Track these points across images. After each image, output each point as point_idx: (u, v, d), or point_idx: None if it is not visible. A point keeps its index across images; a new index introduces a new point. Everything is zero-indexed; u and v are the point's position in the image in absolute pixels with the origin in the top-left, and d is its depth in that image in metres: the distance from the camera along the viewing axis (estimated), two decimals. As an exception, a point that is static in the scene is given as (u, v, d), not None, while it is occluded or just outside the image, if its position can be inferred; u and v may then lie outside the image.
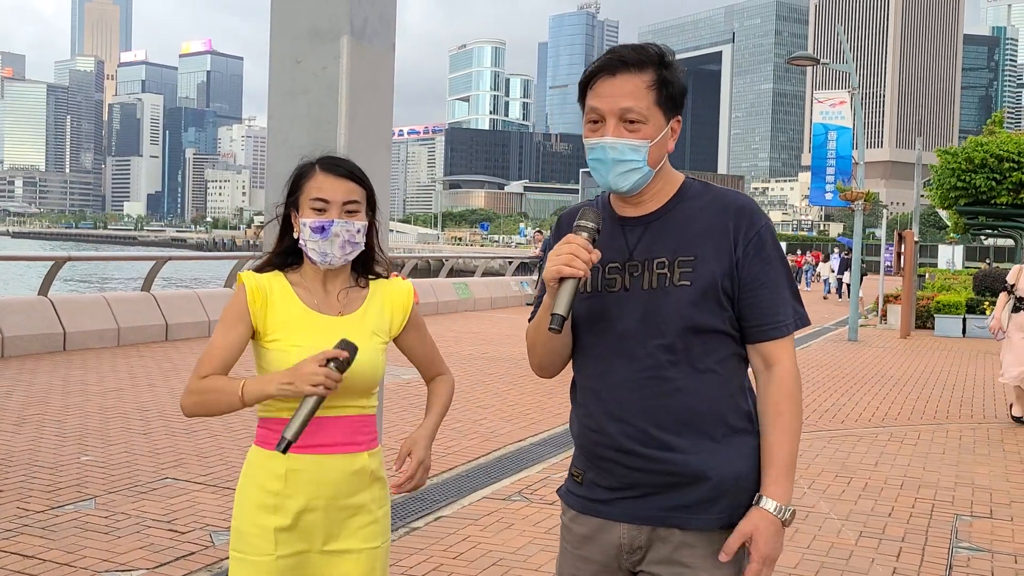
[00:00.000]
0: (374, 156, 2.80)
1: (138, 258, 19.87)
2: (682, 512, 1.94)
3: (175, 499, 5.58)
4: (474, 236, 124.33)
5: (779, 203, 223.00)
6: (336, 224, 2.17)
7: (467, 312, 20.84)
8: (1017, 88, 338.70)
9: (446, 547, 4.89)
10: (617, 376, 1.97)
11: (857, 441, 7.96)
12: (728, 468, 1.95)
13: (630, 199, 2.01)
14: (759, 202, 22.48)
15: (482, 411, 8.78)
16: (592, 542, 2.03)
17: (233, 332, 2.20)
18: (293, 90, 2.78)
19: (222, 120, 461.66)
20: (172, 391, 9.16)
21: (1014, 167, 26.70)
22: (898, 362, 14.06)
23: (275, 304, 2.21)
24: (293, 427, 1.99)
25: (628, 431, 1.95)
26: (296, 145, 2.67)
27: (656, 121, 1.94)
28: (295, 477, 2.18)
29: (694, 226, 1.96)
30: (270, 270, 2.26)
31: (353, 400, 2.24)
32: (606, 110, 1.93)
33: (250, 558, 2.17)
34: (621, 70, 1.93)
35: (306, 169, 2.24)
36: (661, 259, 1.95)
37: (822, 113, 19.22)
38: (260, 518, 2.17)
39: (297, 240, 2.22)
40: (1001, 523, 5.69)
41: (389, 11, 2.76)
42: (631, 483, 1.97)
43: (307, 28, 2.74)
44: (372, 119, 2.77)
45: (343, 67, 2.71)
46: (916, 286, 21.35)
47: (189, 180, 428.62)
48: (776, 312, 1.97)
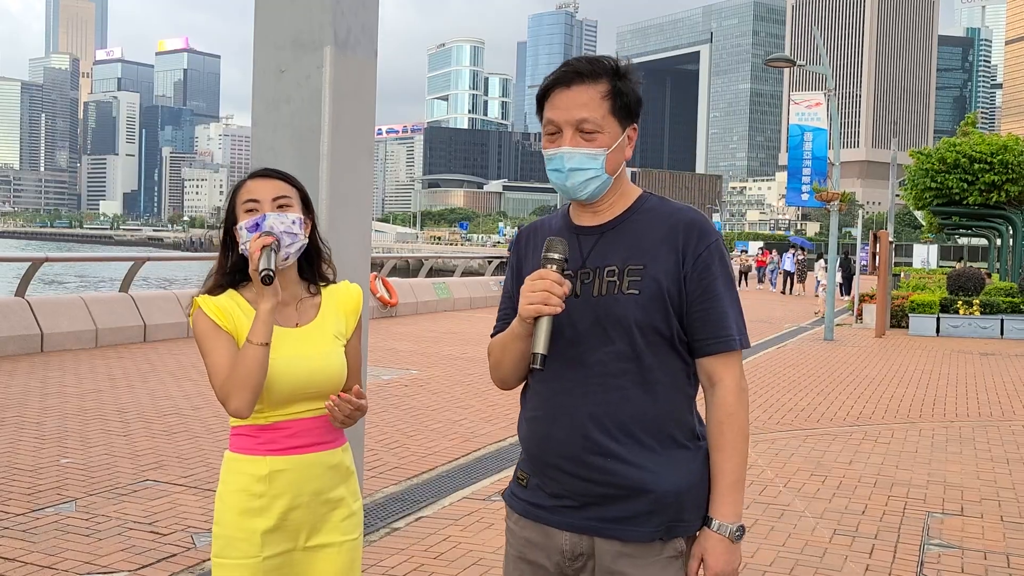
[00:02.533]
0: (357, 163, 2.85)
1: (117, 259, 19.75)
2: (621, 524, 1.97)
3: (156, 501, 5.60)
4: (453, 235, 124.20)
5: (756, 203, 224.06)
6: (269, 217, 2.22)
7: (446, 312, 20.87)
8: (991, 89, 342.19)
9: (427, 547, 4.94)
10: (566, 382, 1.99)
11: (832, 440, 8.07)
12: (668, 483, 1.97)
13: (588, 207, 2.05)
14: (737, 201, 22.62)
15: (462, 411, 8.83)
16: (536, 547, 2.05)
17: (222, 341, 2.24)
18: (277, 99, 2.82)
19: (199, 118, 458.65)
20: (151, 392, 9.15)
21: (986, 168, 27.07)
22: (873, 361, 14.22)
23: (240, 322, 2.25)
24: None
25: (574, 438, 1.98)
26: (281, 153, 2.71)
27: (612, 130, 1.98)
28: (279, 478, 2.24)
29: (646, 237, 2.00)
30: (221, 291, 2.30)
31: (320, 402, 2.30)
32: (562, 121, 1.97)
33: (236, 562, 2.21)
34: (576, 81, 1.97)
35: (235, 189, 2.32)
36: (612, 267, 1.98)
37: (798, 115, 19.37)
38: (245, 522, 2.22)
39: (241, 255, 2.28)
40: (972, 520, 5.80)
41: (371, 21, 2.79)
42: (571, 491, 2.00)
43: (290, 38, 2.77)
44: (355, 127, 2.80)
45: (326, 76, 2.75)
46: (891, 286, 21.56)
47: (166, 179, 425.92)
48: (721, 326, 2.00)
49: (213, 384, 2.22)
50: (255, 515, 2.22)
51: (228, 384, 2.17)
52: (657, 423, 1.98)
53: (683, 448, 2.01)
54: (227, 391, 2.17)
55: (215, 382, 2.21)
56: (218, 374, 2.20)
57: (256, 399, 2.19)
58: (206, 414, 8.21)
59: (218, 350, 2.22)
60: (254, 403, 2.19)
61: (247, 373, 2.16)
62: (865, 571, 4.80)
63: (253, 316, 2.25)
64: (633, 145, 2.07)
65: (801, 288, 36.69)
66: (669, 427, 1.99)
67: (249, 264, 2.18)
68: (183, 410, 8.37)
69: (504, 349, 2.06)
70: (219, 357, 2.21)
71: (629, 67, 2.02)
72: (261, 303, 2.18)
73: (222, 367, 2.20)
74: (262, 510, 2.22)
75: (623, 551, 1.98)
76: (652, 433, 1.98)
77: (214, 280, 2.32)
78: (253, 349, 2.16)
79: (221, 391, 2.19)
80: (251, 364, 2.15)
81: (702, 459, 2.03)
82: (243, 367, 2.16)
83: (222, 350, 2.22)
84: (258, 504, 2.22)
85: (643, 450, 1.97)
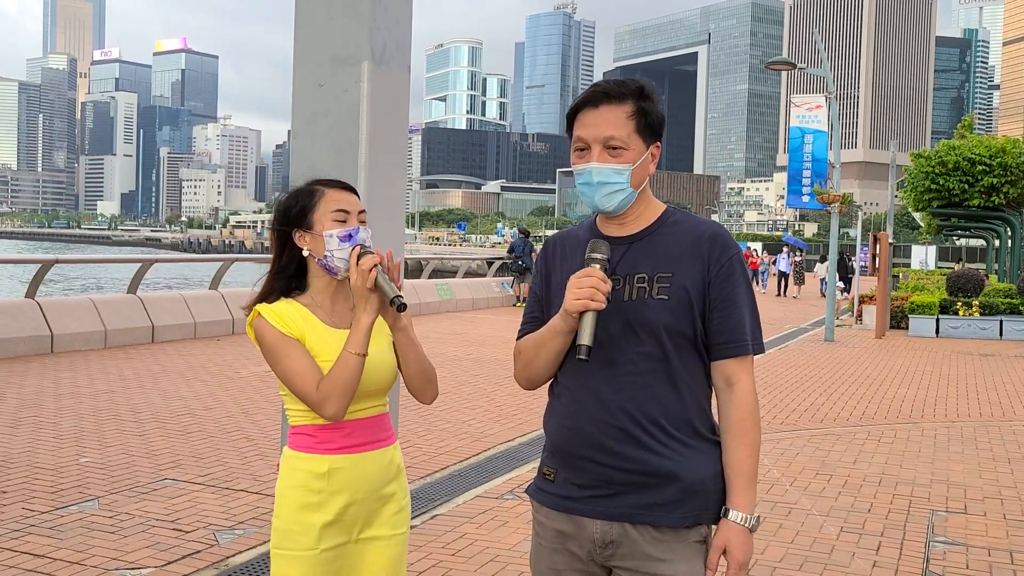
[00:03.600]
0: (392, 174, 2.97)
1: (125, 260, 19.85)
2: (654, 510, 2.10)
3: (176, 499, 5.71)
4: (451, 236, 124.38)
5: (754, 203, 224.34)
6: (361, 231, 2.36)
7: (449, 313, 20.98)
8: (988, 90, 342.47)
9: (444, 544, 5.06)
10: (598, 379, 2.13)
11: (836, 440, 8.19)
12: (696, 472, 2.12)
13: (615, 219, 2.20)
14: (735, 202, 22.75)
15: (470, 412, 8.94)
16: (569, 538, 2.18)
17: (296, 348, 2.33)
18: (315, 112, 2.93)
19: (197, 119, 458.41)
20: (163, 393, 9.26)
21: (986, 170, 27.20)
22: (874, 362, 14.34)
23: (303, 329, 2.35)
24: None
25: (606, 429, 2.11)
26: (319, 165, 2.83)
27: (636, 147, 2.13)
28: (337, 475, 2.35)
29: (673, 248, 2.15)
30: (276, 298, 2.39)
31: (374, 401, 2.43)
32: (591, 138, 2.13)
33: (295, 553, 2.33)
34: (604, 102, 2.13)
35: (312, 190, 2.39)
36: (641, 275, 2.13)
37: (799, 117, 19.50)
38: (304, 516, 2.34)
39: (297, 262, 2.39)
40: (975, 518, 5.92)
41: (405, 37, 2.92)
42: (604, 480, 2.12)
43: (329, 54, 2.89)
44: (390, 139, 2.92)
45: (364, 90, 2.86)
46: (890, 287, 21.69)
47: (163, 179, 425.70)
48: (740, 331, 2.15)
49: (300, 389, 2.30)
50: (314, 510, 2.33)
51: (325, 390, 2.27)
52: (683, 417, 2.14)
53: (706, 441, 2.17)
54: (324, 396, 2.27)
55: (304, 387, 2.29)
56: (306, 379, 2.29)
57: (350, 403, 2.31)
58: (218, 414, 8.32)
59: (295, 356, 2.31)
60: (348, 407, 2.31)
61: (347, 380, 2.27)
62: (872, 567, 4.92)
63: (313, 323, 2.36)
64: (657, 161, 2.23)
65: (797, 291, 34.73)
66: (694, 422, 2.15)
67: (352, 275, 2.28)
68: (195, 410, 8.48)
69: (541, 346, 2.19)
70: (299, 363, 2.30)
71: (652, 88, 2.18)
72: (362, 316, 2.28)
73: (308, 372, 2.29)
74: (320, 505, 2.34)
75: (655, 536, 2.12)
76: (679, 427, 2.13)
77: (269, 285, 2.42)
78: (354, 359, 2.27)
79: (317, 396, 2.28)
80: (352, 373, 2.27)
81: (719, 452, 2.19)
82: (343, 375, 2.27)
83: (299, 356, 2.31)
84: (317, 500, 2.34)
85: (673, 441, 2.12)
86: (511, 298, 24.16)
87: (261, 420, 8.15)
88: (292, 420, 2.41)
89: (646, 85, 2.17)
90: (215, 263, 16.28)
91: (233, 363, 11.55)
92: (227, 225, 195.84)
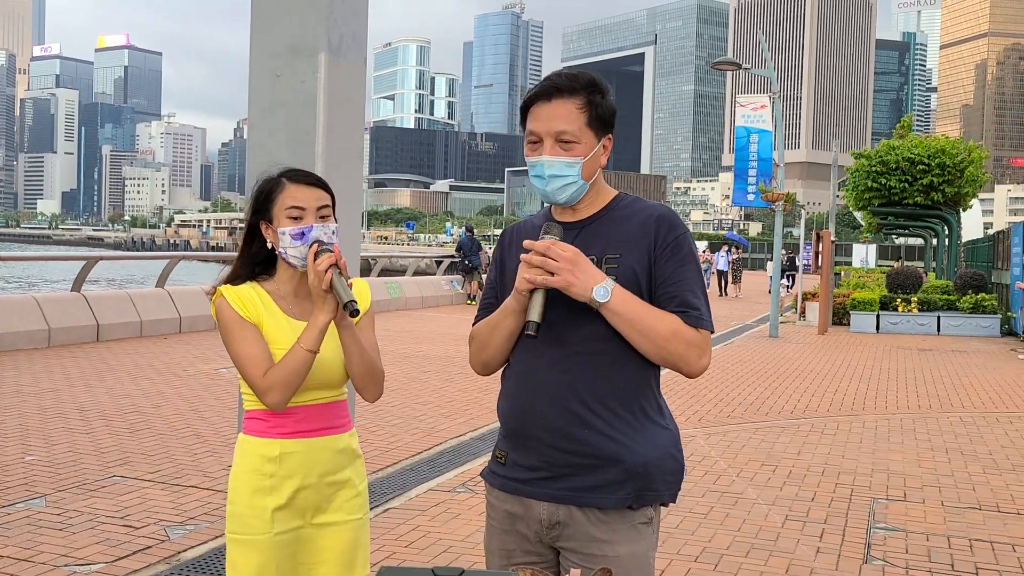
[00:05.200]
0: (349, 165, 3.00)
1: (69, 258, 19.48)
2: (598, 492, 2.12)
3: (125, 496, 5.66)
4: (400, 235, 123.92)
5: (700, 203, 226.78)
6: (315, 229, 2.35)
7: (399, 311, 20.94)
8: (926, 92, 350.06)
9: (397, 536, 5.09)
10: (547, 359, 2.15)
11: (781, 432, 8.36)
12: (638, 453, 2.13)
13: (570, 207, 2.24)
14: (681, 201, 23.09)
15: (421, 407, 8.97)
16: (518, 519, 2.22)
17: (250, 332, 2.35)
18: (273, 104, 2.95)
19: (140, 116, 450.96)
20: (110, 391, 9.14)
21: (925, 170, 27.85)
22: (817, 357, 14.63)
23: (262, 314, 2.38)
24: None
25: (554, 409, 2.14)
26: (276, 156, 2.84)
27: (588, 140, 2.17)
28: (288, 459, 2.38)
29: (621, 230, 2.18)
30: (242, 281, 2.41)
31: (327, 391, 2.45)
32: (543, 132, 2.16)
33: (249, 537, 2.35)
34: (556, 96, 2.16)
35: (274, 183, 2.40)
36: (592, 256, 2.15)
37: (744, 116, 19.79)
38: (257, 500, 2.36)
39: (266, 250, 2.41)
40: (914, 505, 6.09)
41: (361, 30, 2.95)
42: (549, 462, 2.15)
43: (286, 45, 2.91)
44: (347, 131, 2.95)
45: (321, 82, 2.90)
46: (833, 284, 22.11)
47: (106, 178, 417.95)
48: (691, 305, 2.13)
49: (248, 373, 2.33)
50: (266, 494, 2.36)
51: (271, 379, 2.30)
52: (631, 397, 2.16)
53: (653, 422, 2.18)
54: (269, 385, 2.30)
55: (252, 372, 2.32)
56: (256, 365, 2.32)
57: (293, 395, 2.33)
58: (167, 412, 8.25)
59: (248, 340, 2.34)
60: (290, 399, 2.34)
61: (294, 374, 2.30)
62: (816, 554, 5.05)
63: (273, 310, 2.38)
64: (608, 153, 2.25)
65: (736, 290, 34.43)
66: (641, 401, 2.17)
67: (309, 274, 2.28)
68: (143, 408, 8.39)
69: (494, 328, 2.22)
70: (250, 348, 2.33)
71: (603, 81, 2.22)
72: (319, 314, 2.30)
73: (257, 358, 2.32)
74: (272, 489, 2.36)
75: (600, 518, 2.15)
76: (626, 406, 2.15)
77: (234, 270, 2.43)
78: (303, 354, 2.29)
79: (262, 383, 2.31)
80: (300, 368, 2.29)
81: (669, 435, 2.20)
82: (290, 368, 2.29)
83: (252, 341, 2.34)
84: (269, 484, 2.36)
85: (618, 421, 2.14)
86: (460, 296, 24.20)
87: (211, 417, 8.09)
88: (246, 404, 2.44)
89: (597, 78, 2.20)
90: (161, 261, 16.08)
91: (181, 361, 11.44)
92: (172, 224, 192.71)
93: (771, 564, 4.84)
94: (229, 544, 2.40)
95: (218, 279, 2.44)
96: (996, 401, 10.54)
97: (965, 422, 9.14)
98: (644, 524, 2.18)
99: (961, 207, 29.66)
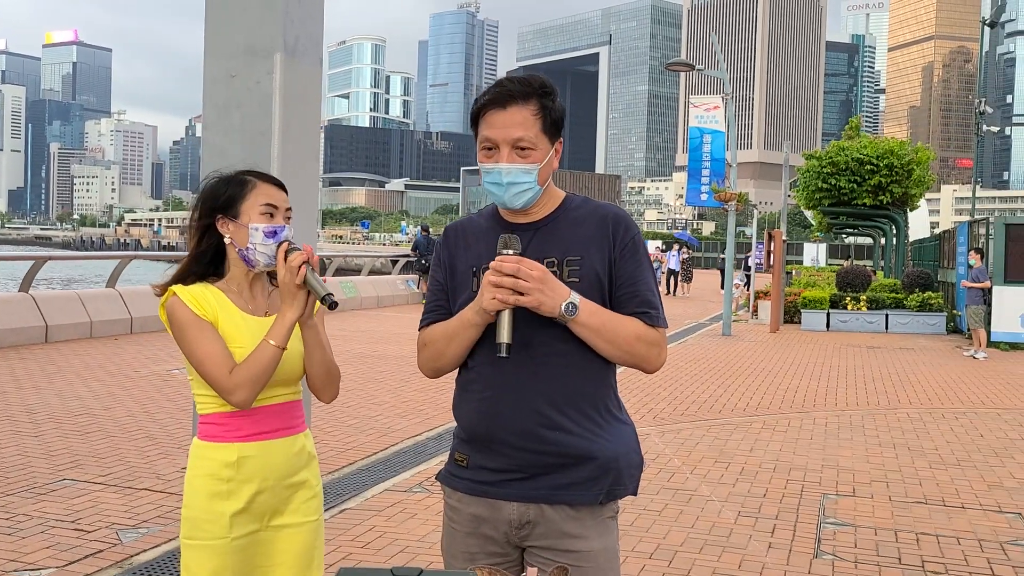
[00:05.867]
0: (305, 166, 3.00)
1: (16, 258, 19.11)
2: (571, 490, 2.15)
3: (76, 499, 5.59)
4: (355, 234, 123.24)
5: (654, 202, 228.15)
6: (286, 229, 2.38)
7: (355, 311, 20.85)
8: (875, 93, 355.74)
9: (353, 537, 5.08)
10: (513, 363, 2.12)
11: (734, 429, 8.47)
12: (610, 450, 2.17)
13: (523, 209, 2.25)
14: (635, 201, 23.32)
15: (377, 407, 8.95)
16: (484, 521, 2.23)
17: (208, 331, 2.33)
18: (228, 104, 2.94)
19: (89, 113, 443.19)
20: (59, 393, 9.00)
21: (873, 170, 28.32)
22: (769, 355, 14.83)
23: (217, 313, 2.36)
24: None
25: (523, 413, 2.15)
26: (231, 156, 2.83)
27: (543, 146, 2.19)
28: (247, 463, 2.36)
29: (579, 232, 2.19)
30: (195, 281, 2.39)
31: (285, 389, 2.44)
32: (500, 139, 2.16)
33: (205, 543, 2.34)
34: (510, 102, 2.17)
35: (243, 181, 2.40)
36: (551, 259, 2.18)
37: (698, 117, 20.00)
38: (214, 505, 2.34)
39: (214, 249, 2.39)
40: (863, 500, 6.22)
41: (317, 31, 2.95)
42: (519, 464, 2.15)
43: (242, 45, 2.90)
44: (303, 131, 2.95)
45: (276, 82, 2.89)
46: (784, 283, 22.41)
47: (54, 176, 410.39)
48: (651, 304, 2.20)
49: (212, 374, 2.30)
50: (223, 498, 2.34)
51: (238, 378, 2.27)
52: (596, 396, 2.19)
53: (616, 419, 2.23)
54: (237, 383, 2.28)
55: (216, 372, 2.29)
56: (219, 363, 2.29)
57: (259, 393, 2.32)
58: (118, 414, 8.14)
59: (208, 339, 2.31)
60: (256, 397, 2.32)
61: (263, 370, 2.28)
62: (768, 549, 5.13)
63: (228, 307, 2.37)
64: (559, 157, 2.27)
65: (686, 289, 34.66)
66: (606, 401, 2.22)
67: (280, 271, 2.28)
68: (94, 410, 8.28)
69: (451, 339, 2.20)
70: (211, 346, 2.30)
71: (552, 85, 2.24)
72: (288, 311, 2.29)
73: (220, 356, 2.30)
74: (230, 494, 2.35)
75: (571, 514, 2.18)
76: (592, 405, 2.18)
77: (185, 268, 2.40)
78: (272, 351, 2.28)
79: (228, 382, 2.28)
80: (268, 364, 2.28)
81: (629, 431, 2.26)
82: (259, 365, 2.28)
83: (212, 339, 2.32)
84: (226, 488, 2.35)
85: (586, 420, 2.18)
86: (416, 295, 24.14)
87: (163, 419, 8.01)
88: (201, 409, 2.41)
89: (547, 81, 2.22)
90: (112, 261, 15.85)
91: (132, 362, 11.29)
92: (122, 223, 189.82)
93: (724, 560, 4.91)
94: (184, 549, 2.38)
95: (166, 278, 2.40)
96: (942, 397, 10.78)
97: (912, 418, 9.33)
98: (611, 518, 2.23)
99: (909, 207, 30.20)
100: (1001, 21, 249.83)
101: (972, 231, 19.20)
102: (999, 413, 9.82)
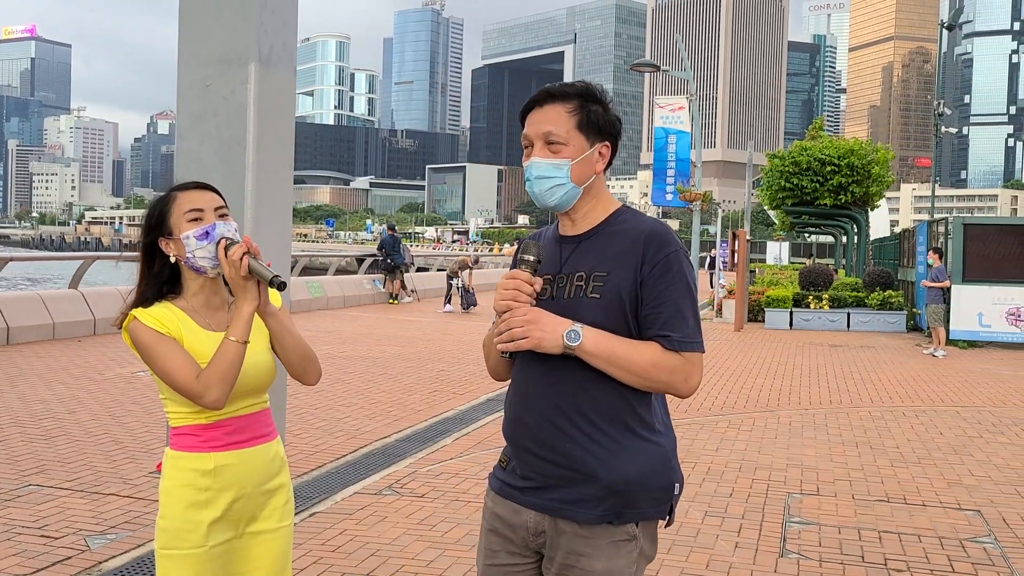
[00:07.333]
0: (279, 173, 3.01)
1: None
2: (575, 506, 2.15)
3: (42, 505, 5.54)
4: (320, 233, 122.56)
5: (619, 200, 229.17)
6: (219, 226, 2.37)
7: (320, 311, 20.74)
8: (836, 93, 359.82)
9: (324, 541, 5.08)
10: (536, 373, 2.19)
11: (700, 428, 8.56)
12: (617, 471, 2.13)
13: (567, 217, 2.27)
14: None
15: (345, 409, 8.94)
16: (506, 523, 2.27)
17: (172, 345, 2.33)
18: (203, 113, 2.94)
19: (48, 110, 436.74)
20: (22, 397, 8.90)
21: (835, 170, 28.66)
22: (733, 354, 14.98)
23: (181, 331, 2.37)
24: None
25: (540, 422, 2.18)
26: (207, 164, 2.84)
27: (577, 143, 2.19)
28: (224, 472, 2.39)
29: (613, 247, 2.18)
30: (151, 303, 2.39)
31: (254, 399, 2.48)
32: (533, 135, 2.21)
33: (184, 552, 2.36)
34: (547, 101, 2.21)
35: (164, 198, 2.41)
36: (581, 273, 2.17)
37: (663, 118, 20.14)
38: (192, 514, 2.36)
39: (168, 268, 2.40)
40: (827, 499, 6.32)
41: (291, 40, 2.97)
42: (538, 473, 2.19)
43: (217, 55, 2.91)
44: (277, 139, 2.96)
45: (251, 91, 2.90)
46: (748, 282, 22.61)
47: (12, 173, 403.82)
48: (674, 328, 2.14)
49: (179, 381, 2.30)
50: (202, 507, 2.37)
51: (206, 379, 2.28)
52: (614, 412, 2.15)
53: (639, 438, 2.17)
54: (205, 385, 2.28)
55: (183, 379, 2.30)
56: (184, 372, 2.30)
57: (231, 392, 2.33)
58: (83, 418, 8.07)
59: (172, 353, 2.32)
60: (229, 395, 2.33)
61: (228, 368, 2.29)
62: (735, 548, 5.21)
63: (189, 325, 2.38)
64: (606, 161, 2.27)
65: None
66: (625, 417, 2.16)
67: (224, 268, 2.30)
68: (58, 414, 8.19)
69: (490, 343, 2.29)
70: (176, 358, 2.31)
71: (599, 90, 2.25)
72: (242, 305, 2.31)
73: (184, 366, 2.31)
74: (208, 502, 2.37)
75: (577, 531, 2.19)
76: (609, 421, 2.15)
77: (141, 291, 2.41)
78: (234, 346, 2.29)
79: (197, 385, 2.29)
80: (233, 360, 2.29)
81: (657, 451, 2.20)
82: (224, 362, 2.29)
83: (176, 351, 2.32)
84: (204, 497, 2.37)
85: (600, 435, 2.16)
86: (383, 295, 24.07)
87: (130, 423, 7.94)
88: (174, 422, 2.42)
89: (594, 88, 2.24)
90: (75, 261, 15.66)
91: (97, 364, 11.17)
92: (82, 221, 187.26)
93: (692, 560, 4.97)
94: (161, 559, 2.39)
95: (125, 304, 2.41)
96: (902, 395, 10.96)
97: (874, 416, 9.48)
98: (624, 541, 2.17)
99: (869, 206, 30.61)
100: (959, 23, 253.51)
101: (931, 230, 19.51)
102: (958, 411, 10.00)
